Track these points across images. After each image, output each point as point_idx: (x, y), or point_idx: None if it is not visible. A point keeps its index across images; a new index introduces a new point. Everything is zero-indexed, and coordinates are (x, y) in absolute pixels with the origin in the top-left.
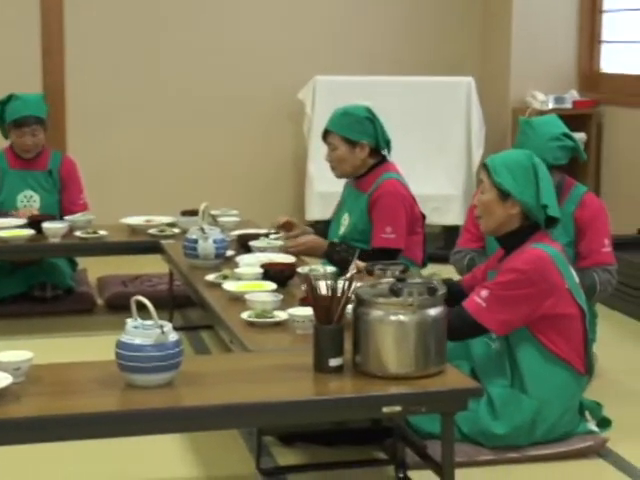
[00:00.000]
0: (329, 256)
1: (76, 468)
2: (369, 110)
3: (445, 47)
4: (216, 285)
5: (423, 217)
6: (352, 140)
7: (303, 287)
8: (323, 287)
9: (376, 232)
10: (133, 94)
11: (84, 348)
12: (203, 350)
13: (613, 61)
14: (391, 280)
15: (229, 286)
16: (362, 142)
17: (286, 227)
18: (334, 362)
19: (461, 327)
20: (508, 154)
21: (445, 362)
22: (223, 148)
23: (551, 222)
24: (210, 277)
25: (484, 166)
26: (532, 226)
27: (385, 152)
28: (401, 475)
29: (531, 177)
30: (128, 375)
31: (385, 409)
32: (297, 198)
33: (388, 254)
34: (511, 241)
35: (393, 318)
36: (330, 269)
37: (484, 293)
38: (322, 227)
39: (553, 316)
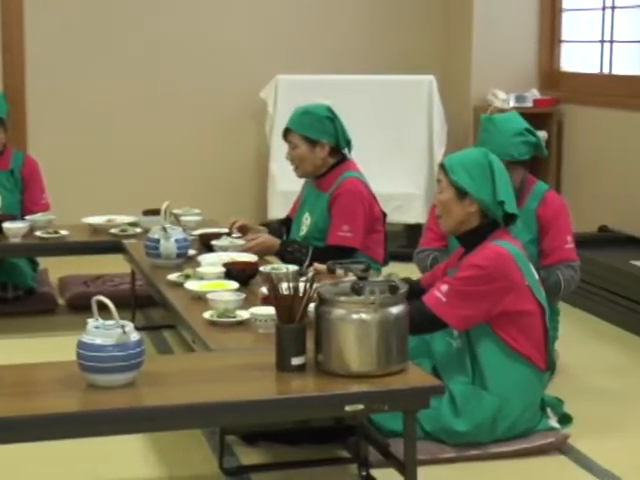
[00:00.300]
0: (281, 255)
1: (38, 469)
2: (329, 109)
3: (407, 46)
4: (178, 285)
5: (384, 216)
6: (312, 139)
7: (264, 288)
8: (285, 286)
9: (333, 229)
10: (94, 93)
11: (45, 348)
12: (166, 350)
13: (573, 60)
14: (353, 279)
15: (191, 285)
16: (322, 141)
17: (241, 230)
18: (296, 361)
19: (421, 322)
20: (464, 153)
21: (407, 360)
22: (185, 147)
23: (509, 219)
24: (172, 277)
25: (441, 166)
26: (491, 224)
27: (346, 151)
28: (364, 473)
29: (487, 174)
30: (89, 375)
31: (348, 407)
32: (259, 197)
33: (343, 252)
34: (471, 239)
35: (355, 317)
36: (292, 268)
37: (444, 288)
38: (276, 226)
39: (513, 313)
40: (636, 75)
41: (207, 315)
